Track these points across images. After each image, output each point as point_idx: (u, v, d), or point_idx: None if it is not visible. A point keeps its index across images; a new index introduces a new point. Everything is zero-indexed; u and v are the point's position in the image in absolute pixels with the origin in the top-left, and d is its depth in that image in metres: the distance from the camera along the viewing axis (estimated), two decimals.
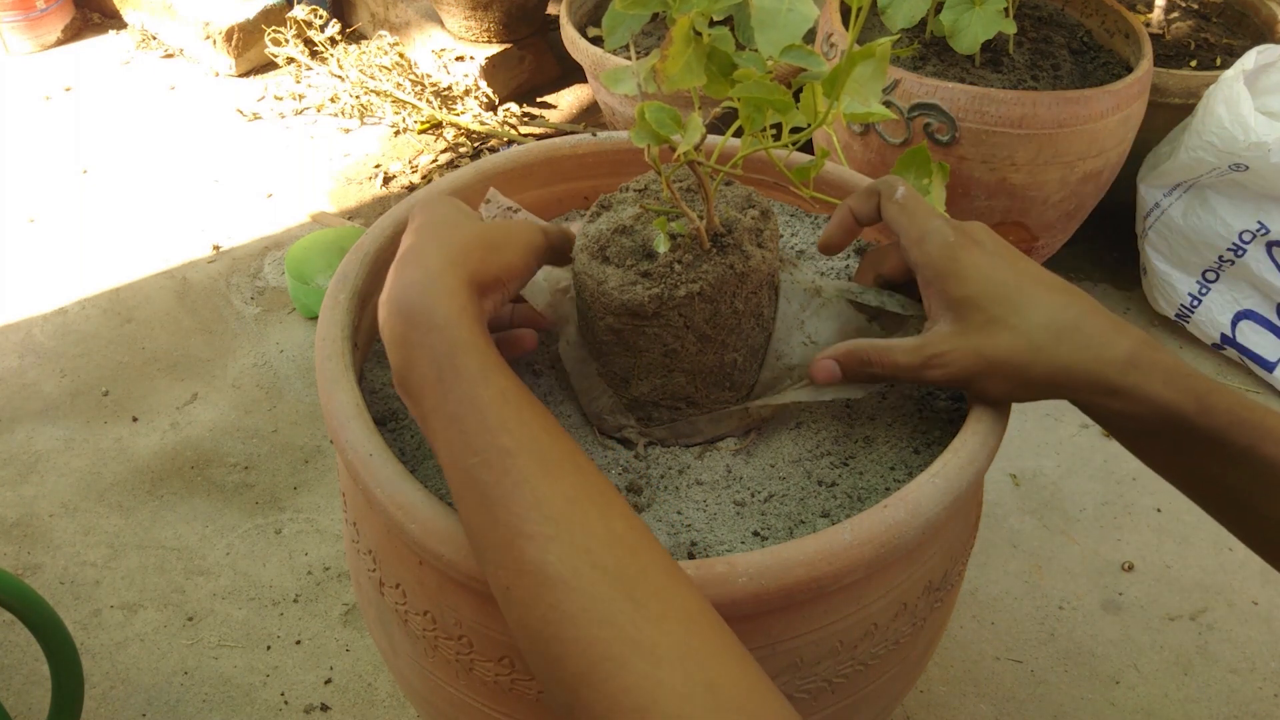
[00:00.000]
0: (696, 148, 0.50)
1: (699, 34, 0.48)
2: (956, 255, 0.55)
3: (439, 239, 0.51)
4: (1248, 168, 1.19)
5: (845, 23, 1.27)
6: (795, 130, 0.53)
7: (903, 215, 0.58)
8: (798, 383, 0.61)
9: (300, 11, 1.89)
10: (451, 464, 0.46)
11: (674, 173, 0.57)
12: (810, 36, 1.54)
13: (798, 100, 0.52)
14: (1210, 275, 1.32)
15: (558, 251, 0.58)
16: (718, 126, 1.30)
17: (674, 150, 0.50)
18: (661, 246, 0.55)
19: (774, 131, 0.54)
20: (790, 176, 0.59)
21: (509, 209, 0.67)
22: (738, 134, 0.53)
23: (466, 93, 1.80)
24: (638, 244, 0.56)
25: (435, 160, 1.72)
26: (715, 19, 0.48)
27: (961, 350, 0.54)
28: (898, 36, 0.90)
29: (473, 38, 1.84)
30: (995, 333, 0.53)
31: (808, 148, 0.61)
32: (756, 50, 0.49)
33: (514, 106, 1.79)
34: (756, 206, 0.58)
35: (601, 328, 0.58)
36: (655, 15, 0.50)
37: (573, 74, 1.92)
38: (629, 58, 1.52)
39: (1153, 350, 0.53)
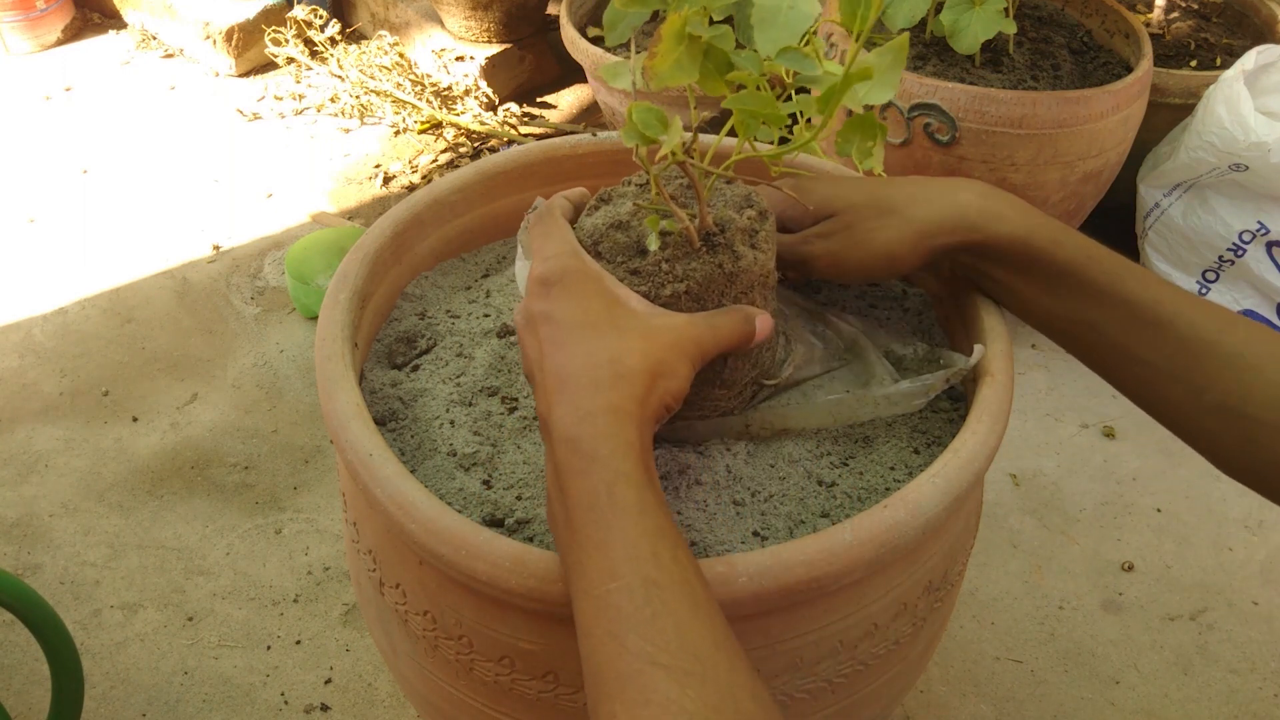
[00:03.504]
0: (687, 148, 0.50)
1: (696, 36, 0.47)
2: (810, 180, 0.63)
3: (609, 362, 0.48)
4: (1248, 168, 1.19)
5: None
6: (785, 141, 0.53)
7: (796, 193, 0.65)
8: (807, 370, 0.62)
9: (300, 11, 1.89)
10: (584, 593, 0.43)
11: (663, 171, 0.57)
12: None
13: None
14: (1210, 275, 1.32)
15: (733, 347, 0.54)
16: (706, 127, 1.29)
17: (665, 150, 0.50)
18: (652, 244, 0.55)
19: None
20: (763, 158, 0.59)
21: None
22: (733, 132, 0.53)
23: (466, 93, 1.80)
24: (632, 240, 0.56)
25: (435, 160, 1.72)
26: (715, 18, 0.48)
27: (832, 229, 0.60)
28: (902, 35, 0.89)
29: (473, 38, 1.84)
30: (855, 212, 0.60)
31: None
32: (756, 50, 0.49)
33: (514, 106, 1.79)
34: (754, 207, 0.58)
35: None
36: (656, 14, 0.50)
37: (573, 74, 1.92)
38: (630, 57, 1.52)
39: (1003, 194, 0.58)
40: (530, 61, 1.88)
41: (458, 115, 1.76)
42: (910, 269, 0.60)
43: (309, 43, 1.93)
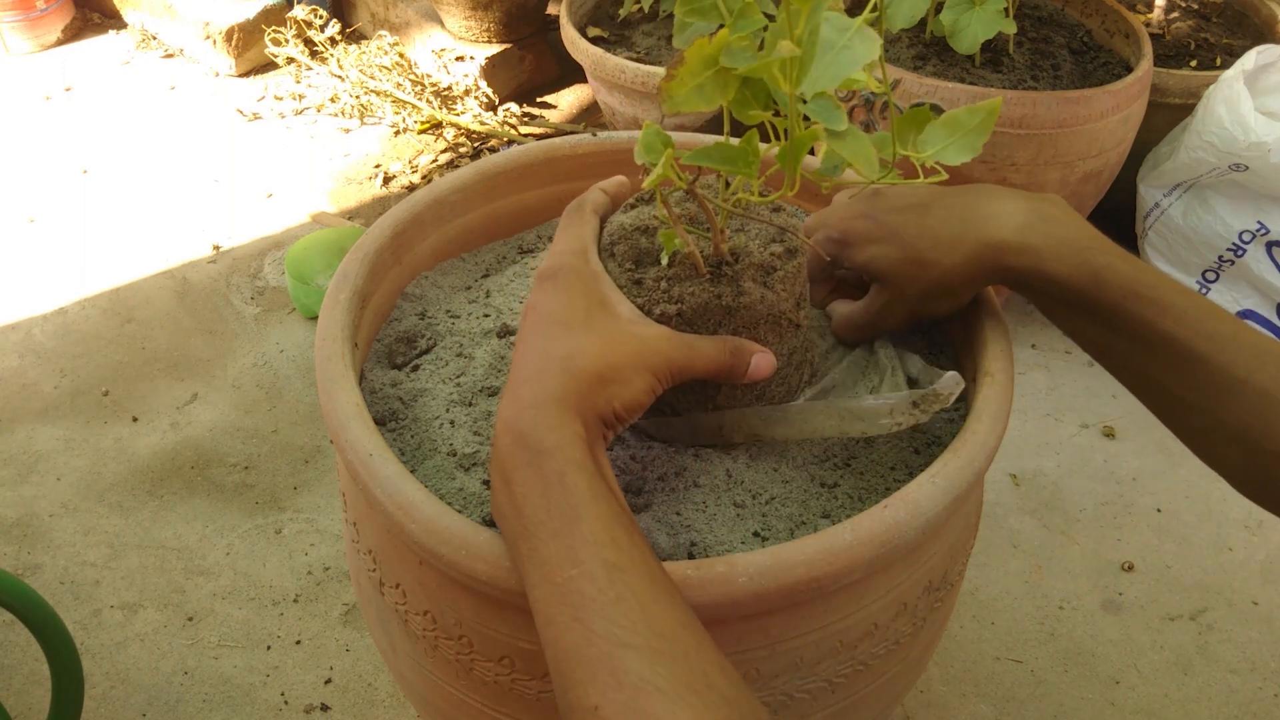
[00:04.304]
0: (694, 181, 0.50)
1: (729, 69, 0.45)
2: (846, 231, 0.61)
3: (561, 358, 0.48)
4: (1248, 168, 1.19)
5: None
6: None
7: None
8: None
9: (300, 11, 1.89)
10: (544, 581, 0.43)
11: (672, 193, 0.57)
12: None
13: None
14: (1210, 275, 1.32)
15: (709, 372, 0.53)
16: (712, 126, 1.29)
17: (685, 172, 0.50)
18: (663, 259, 0.55)
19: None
20: (811, 179, 0.58)
21: None
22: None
23: (466, 93, 1.80)
24: (653, 247, 0.56)
25: (435, 160, 1.72)
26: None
27: (893, 301, 0.60)
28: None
29: (473, 38, 1.84)
30: (903, 280, 0.59)
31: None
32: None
33: (514, 106, 1.79)
34: (784, 244, 0.56)
35: None
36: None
37: (573, 74, 1.92)
38: (631, 58, 1.52)
39: (1045, 223, 0.56)
40: (530, 61, 1.88)
41: (458, 115, 1.76)
42: (972, 294, 0.61)
43: (309, 43, 1.93)
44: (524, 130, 1.78)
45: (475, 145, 1.76)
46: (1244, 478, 0.55)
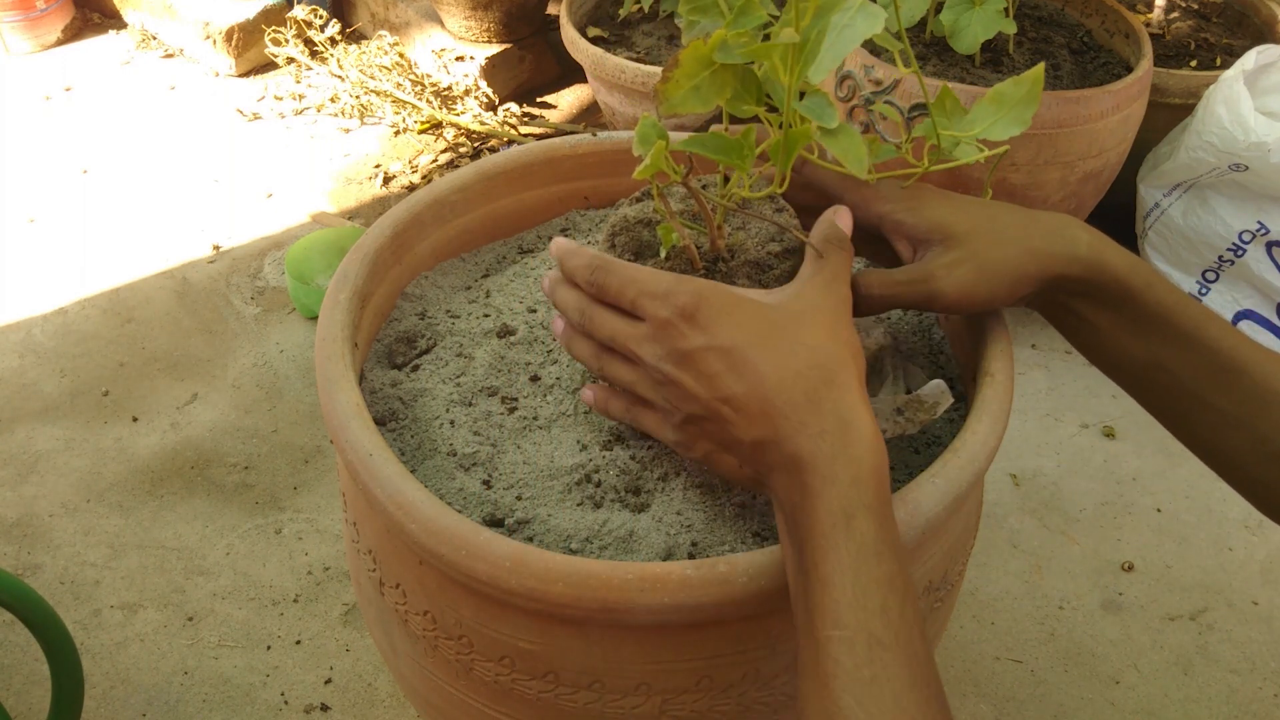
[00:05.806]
0: (687, 175, 0.50)
1: (729, 64, 0.45)
2: (914, 194, 0.57)
3: (810, 370, 0.47)
4: (1247, 168, 1.19)
5: None
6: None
7: (839, 178, 0.58)
8: None
9: (300, 11, 1.89)
10: (807, 630, 0.43)
11: (669, 187, 0.57)
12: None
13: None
14: (1210, 275, 1.32)
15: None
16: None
17: (679, 165, 0.50)
18: (661, 253, 0.55)
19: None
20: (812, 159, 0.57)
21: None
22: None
23: (466, 93, 1.80)
24: (656, 240, 0.56)
25: (435, 160, 1.72)
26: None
27: (962, 258, 0.55)
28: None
29: (473, 38, 1.84)
30: (981, 239, 0.55)
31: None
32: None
33: (514, 106, 1.79)
34: (783, 243, 0.56)
35: None
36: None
37: (573, 74, 1.92)
38: (631, 58, 1.52)
39: (1100, 233, 0.57)
40: (530, 61, 1.88)
41: (458, 115, 1.76)
42: (1024, 299, 0.58)
43: (309, 43, 1.93)
44: (524, 130, 1.78)
45: (475, 145, 1.76)
46: (1278, 499, 0.54)
